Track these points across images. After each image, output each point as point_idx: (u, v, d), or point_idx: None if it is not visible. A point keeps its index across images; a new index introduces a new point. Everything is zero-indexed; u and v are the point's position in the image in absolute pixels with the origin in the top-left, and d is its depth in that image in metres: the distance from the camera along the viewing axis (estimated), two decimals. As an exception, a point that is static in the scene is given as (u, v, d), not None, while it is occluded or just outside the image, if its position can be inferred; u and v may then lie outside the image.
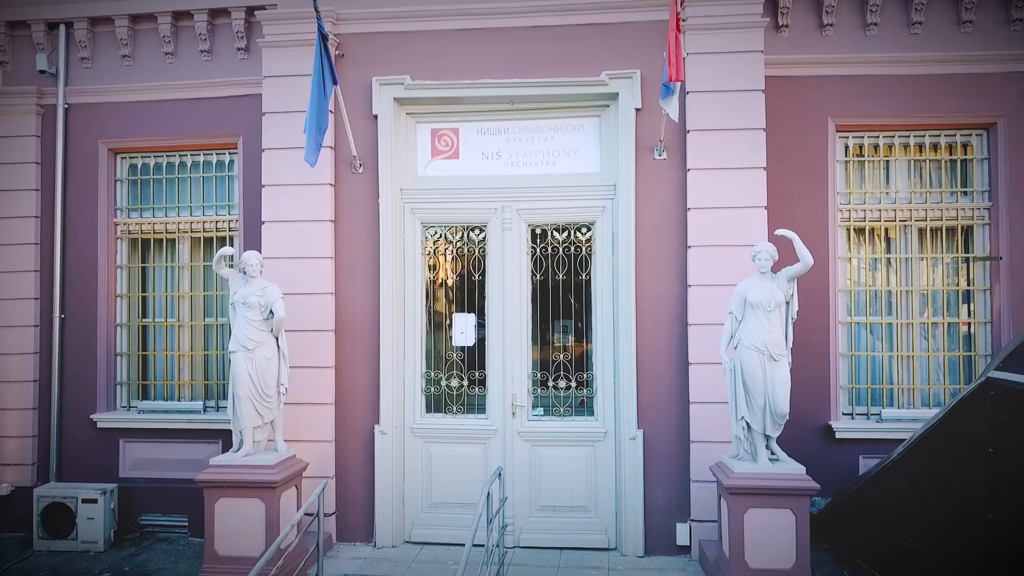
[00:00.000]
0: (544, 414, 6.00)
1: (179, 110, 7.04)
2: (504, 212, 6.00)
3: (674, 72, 4.47)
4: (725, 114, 5.53)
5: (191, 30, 7.02)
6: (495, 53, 5.90)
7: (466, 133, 6.11)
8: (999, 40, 6.31)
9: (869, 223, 6.47)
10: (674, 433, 5.63)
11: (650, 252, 5.70)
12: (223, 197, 7.16)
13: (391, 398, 5.85)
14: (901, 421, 6.17)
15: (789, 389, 4.57)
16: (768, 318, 4.54)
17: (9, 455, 7.06)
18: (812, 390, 6.16)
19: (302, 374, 5.70)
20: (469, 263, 6.13)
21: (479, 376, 6.08)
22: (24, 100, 7.17)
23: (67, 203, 7.14)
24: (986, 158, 6.42)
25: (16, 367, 7.06)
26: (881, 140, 6.52)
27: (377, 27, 5.93)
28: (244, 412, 4.97)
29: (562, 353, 6.05)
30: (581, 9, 5.78)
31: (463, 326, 6.03)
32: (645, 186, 5.73)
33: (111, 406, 7.09)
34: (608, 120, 5.92)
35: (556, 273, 6.05)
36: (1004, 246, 6.28)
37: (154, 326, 7.24)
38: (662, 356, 5.66)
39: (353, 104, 5.90)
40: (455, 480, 5.96)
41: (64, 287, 7.11)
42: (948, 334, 6.43)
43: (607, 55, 5.77)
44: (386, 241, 5.89)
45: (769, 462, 4.64)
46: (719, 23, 5.57)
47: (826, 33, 6.42)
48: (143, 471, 6.95)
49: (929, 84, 6.33)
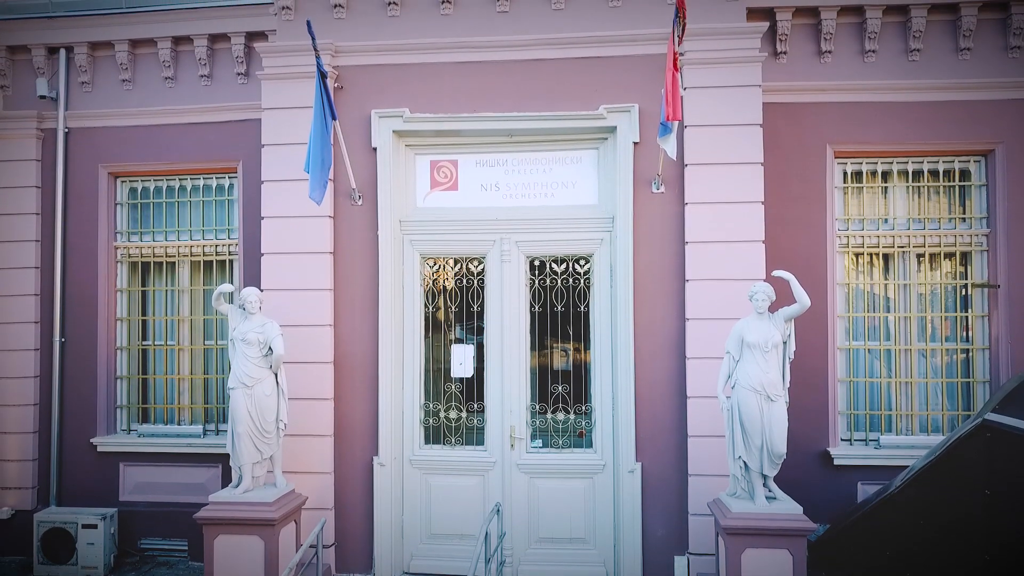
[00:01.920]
0: (543, 446, 6.01)
1: (179, 134, 7.05)
2: (503, 244, 6.01)
3: (671, 111, 4.48)
4: (723, 148, 5.53)
5: (191, 55, 7.04)
6: (494, 86, 5.91)
7: (465, 165, 6.12)
8: (997, 67, 6.31)
9: (867, 249, 6.47)
10: (672, 466, 5.64)
11: (648, 285, 5.71)
12: (223, 221, 7.18)
13: (390, 430, 5.86)
14: (900, 448, 6.18)
15: (786, 429, 4.57)
16: (765, 359, 4.55)
17: (9, 479, 7.08)
18: (810, 416, 6.17)
19: (301, 406, 5.72)
20: (468, 295, 6.14)
21: (477, 407, 6.09)
22: (24, 124, 7.19)
23: (67, 227, 7.17)
24: (984, 184, 6.42)
25: (16, 391, 7.08)
26: (880, 166, 6.52)
27: (376, 59, 5.94)
28: (243, 448, 4.99)
29: (560, 385, 6.05)
30: (579, 43, 5.78)
31: (462, 357, 6.04)
32: (643, 219, 5.73)
33: (111, 429, 7.11)
34: (606, 153, 5.93)
35: (555, 305, 6.05)
36: (1002, 272, 6.28)
37: (154, 349, 7.26)
38: (660, 389, 5.67)
39: (352, 136, 5.92)
40: (454, 512, 5.97)
41: (64, 311, 7.14)
42: (946, 360, 6.44)
43: (605, 89, 5.78)
44: (385, 273, 5.90)
45: (766, 501, 4.65)
46: (717, 58, 5.57)
47: (824, 60, 6.42)
48: (143, 495, 6.97)
49: (927, 111, 6.33)
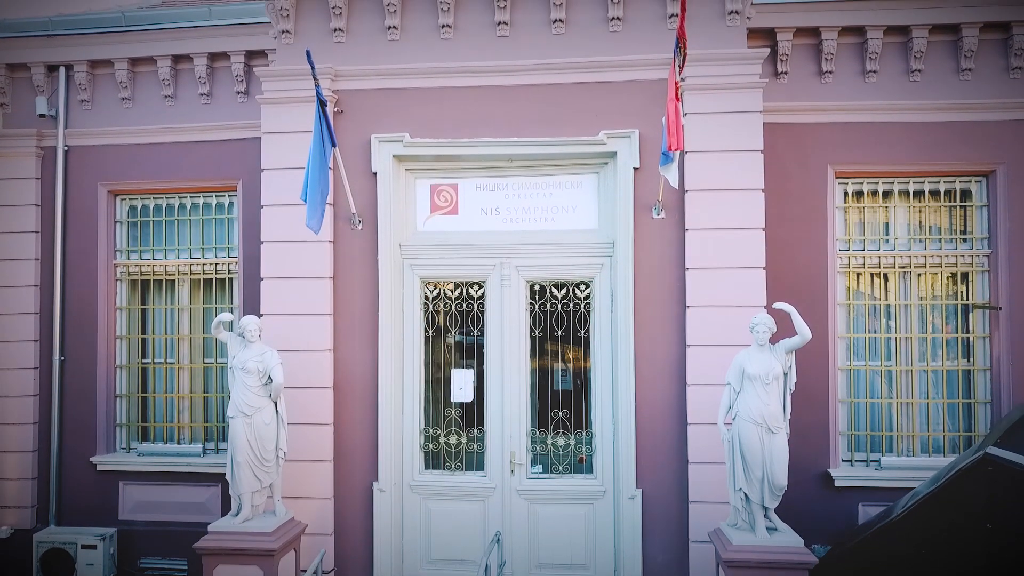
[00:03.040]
0: (543, 471, 5.99)
1: (179, 152, 7.04)
2: (503, 268, 5.99)
3: (674, 141, 4.45)
4: (724, 174, 5.52)
5: (191, 73, 7.03)
6: (494, 111, 5.90)
7: (465, 189, 6.10)
8: (998, 88, 6.30)
9: (868, 269, 6.46)
10: (673, 493, 5.62)
11: (649, 311, 5.69)
12: (223, 239, 7.16)
13: (389, 455, 5.85)
14: (901, 469, 6.16)
15: (787, 462, 4.56)
16: (766, 391, 4.54)
17: (9, 497, 7.07)
18: (811, 436, 6.15)
19: (301, 431, 5.70)
20: (468, 319, 6.12)
21: (477, 433, 6.07)
22: (24, 142, 7.18)
23: (67, 245, 7.16)
24: (985, 205, 6.41)
25: (16, 409, 7.07)
26: (881, 186, 6.50)
27: (376, 84, 5.92)
28: (242, 477, 4.97)
29: (561, 410, 6.03)
30: (579, 68, 5.77)
31: (461, 382, 6.02)
32: (643, 245, 5.72)
33: (111, 448, 7.10)
34: (606, 177, 5.91)
35: (555, 330, 6.04)
36: (1003, 293, 6.27)
37: (154, 368, 7.25)
38: (661, 415, 5.65)
39: (352, 161, 5.90)
40: (453, 537, 5.95)
41: (64, 329, 7.13)
42: (947, 381, 6.43)
43: (605, 114, 5.76)
44: (385, 297, 5.88)
45: (767, 532, 4.63)
46: (718, 83, 5.55)
47: (825, 80, 6.41)
48: (143, 514, 6.96)
49: (928, 131, 6.32)
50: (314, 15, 6.02)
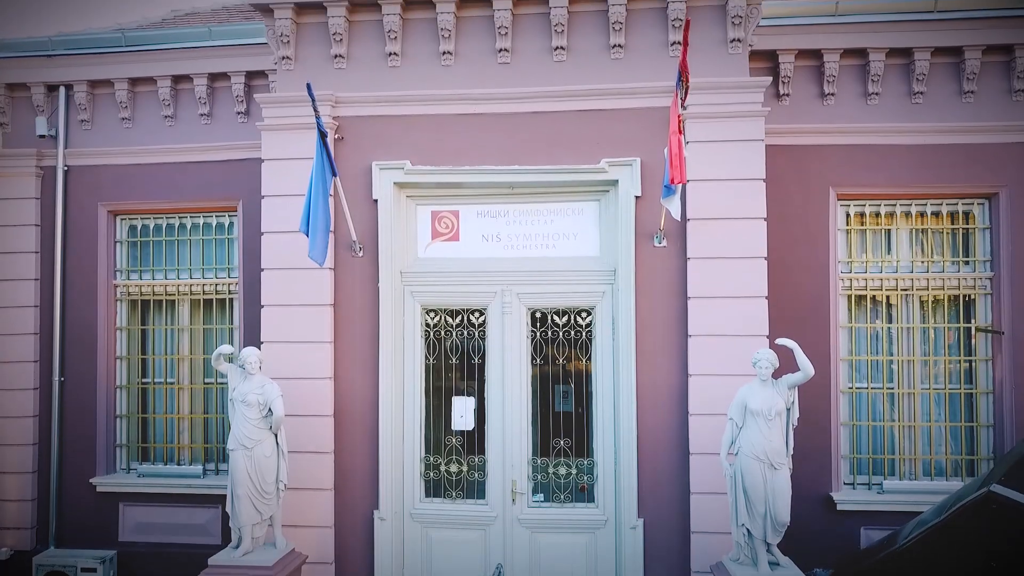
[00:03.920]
0: (544, 500, 5.96)
1: (179, 173, 7.03)
2: (504, 295, 5.97)
3: (676, 175, 4.43)
4: (725, 203, 5.49)
5: (191, 93, 7.02)
6: (495, 138, 5.87)
7: (466, 215, 6.07)
8: (1001, 110, 6.29)
9: (870, 291, 6.44)
10: (675, 523, 5.59)
11: (650, 339, 5.66)
12: (223, 260, 7.15)
13: (390, 483, 5.82)
14: (903, 493, 6.14)
15: (790, 497, 4.54)
16: (769, 426, 4.52)
17: (8, 519, 7.06)
18: (813, 460, 6.13)
19: (301, 459, 5.67)
20: (469, 346, 6.09)
21: (478, 461, 6.03)
22: (24, 162, 7.17)
23: (67, 265, 7.14)
24: (988, 227, 6.39)
25: (16, 430, 7.06)
26: (883, 208, 6.48)
27: (376, 111, 5.89)
28: (243, 510, 4.95)
29: (562, 439, 6.00)
30: (581, 95, 5.74)
31: (462, 410, 5.99)
32: (645, 273, 5.69)
33: (111, 468, 7.08)
34: (608, 204, 5.88)
35: (556, 358, 6.01)
36: (1006, 316, 6.25)
37: (154, 388, 7.23)
38: (663, 444, 5.62)
39: (352, 188, 5.87)
40: (455, 566, 5.91)
41: (64, 349, 7.11)
42: (950, 404, 6.41)
43: (607, 141, 5.73)
44: (386, 324, 5.86)
45: (769, 568, 4.61)
46: (720, 112, 5.53)
47: (827, 102, 6.40)
48: (143, 535, 6.94)
49: (931, 153, 6.30)
50: (314, 41, 6.00)
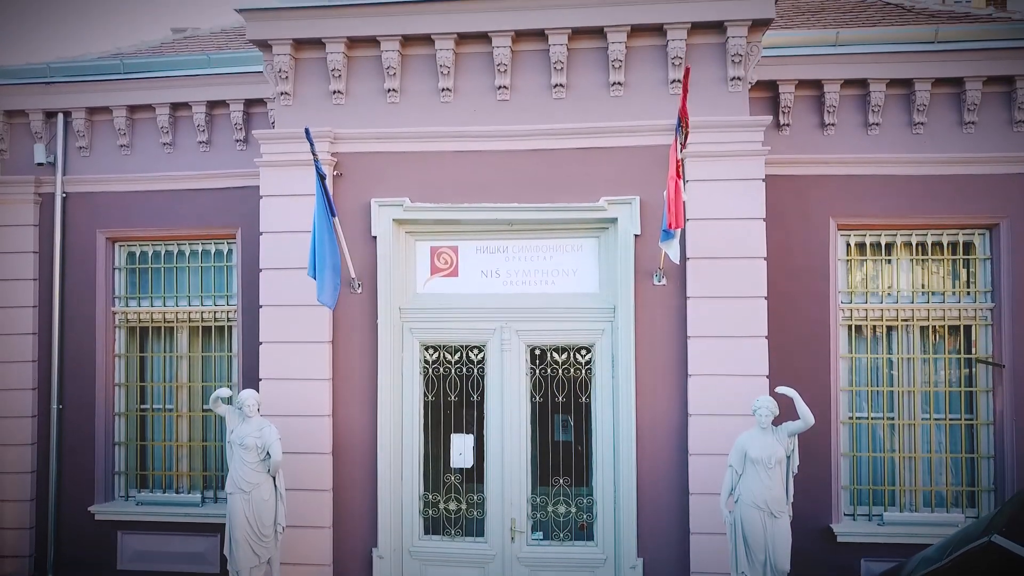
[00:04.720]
0: (543, 538, 5.94)
1: (178, 200, 7.01)
2: (503, 332, 5.95)
3: (674, 220, 4.42)
4: (725, 242, 5.47)
5: (189, 120, 7.00)
6: (494, 175, 5.85)
7: (465, 251, 6.06)
8: (1002, 141, 6.27)
9: (871, 321, 6.42)
10: (674, 563, 5.56)
11: (650, 378, 5.64)
12: (222, 287, 7.13)
13: (389, 521, 5.80)
14: (904, 524, 6.12)
15: (790, 545, 4.53)
16: (769, 475, 4.50)
17: (6, 547, 7.04)
18: (813, 491, 6.11)
19: (300, 497, 5.65)
20: (468, 383, 6.07)
21: (478, 499, 6.01)
22: (22, 189, 7.15)
23: (65, 292, 7.12)
24: (989, 258, 6.37)
25: (14, 458, 7.04)
26: (883, 238, 6.46)
27: (375, 147, 5.87)
28: (241, 555, 4.95)
29: (562, 477, 5.98)
30: (580, 134, 5.72)
31: (461, 447, 5.97)
32: (645, 311, 5.67)
33: (109, 496, 7.07)
34: (607, 242, 5.86)
35: (556, 395, 5.98)
36: (1007, 347, 6.23)
37: (152, 415, 7.21)
38: (663, 484, 5.60)
39: (351, 224, 5.85)
40: (454, 604, 5.93)
41: (62, 377, 7.09)
42: (950, 435, 6.39)
43: (606, 179, 5.71)
44: (384, 361, 5.84)
45: (770, 613, 4.61)
46: (719, 151, 5.51)
47: (828, 132, 6.38)
48: (141, 564, 6.92)
49: (931, 184, 6.28)
50: (313, 77, 5.98)
